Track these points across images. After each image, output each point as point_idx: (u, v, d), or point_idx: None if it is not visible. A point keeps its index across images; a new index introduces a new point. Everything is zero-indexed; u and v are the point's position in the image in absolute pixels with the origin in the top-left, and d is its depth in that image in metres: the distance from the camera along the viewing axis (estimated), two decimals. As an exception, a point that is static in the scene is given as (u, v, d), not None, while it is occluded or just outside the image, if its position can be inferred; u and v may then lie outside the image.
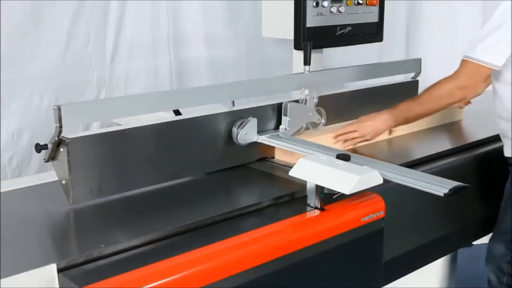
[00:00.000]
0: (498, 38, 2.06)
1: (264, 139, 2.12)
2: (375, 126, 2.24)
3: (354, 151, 2.24)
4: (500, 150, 2.27)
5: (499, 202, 2.28)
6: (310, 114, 2.29)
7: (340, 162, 1.74)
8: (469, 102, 2.66)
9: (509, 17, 2.03)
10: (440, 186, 1.69)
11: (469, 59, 2.10)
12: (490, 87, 2.32)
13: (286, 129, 2.19)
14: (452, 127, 2.70)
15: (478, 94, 2.46)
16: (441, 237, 2.27)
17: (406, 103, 2.25)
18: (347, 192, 1.64)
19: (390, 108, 2.27)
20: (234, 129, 2.09)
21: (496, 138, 2.37)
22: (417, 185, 1.75)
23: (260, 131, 2.14)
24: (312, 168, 1.72)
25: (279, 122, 2.23)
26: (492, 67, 2.09)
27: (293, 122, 2.23)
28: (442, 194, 1.66)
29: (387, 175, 1.79)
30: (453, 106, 2.52)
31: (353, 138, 2.26)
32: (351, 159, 1.80)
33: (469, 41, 2.17)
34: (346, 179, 1.64)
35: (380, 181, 1.71)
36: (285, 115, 2.22)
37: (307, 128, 2.30)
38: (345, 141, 2.27)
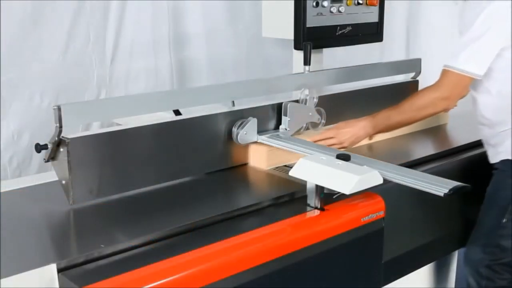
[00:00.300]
0: (479, 48, 2.05)
1: (264, 139, 2.13)
2: (353, 133, 2.19)
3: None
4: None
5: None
6: (310, 114, 2.29)
7: (340, 162, 1.74)
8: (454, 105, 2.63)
9: (490, 26, 2.03)
10: (440, 186, 1.69)
11: (451, 69, 2.09)
12: None
13: (286, 129, 2.19)
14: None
15: (463, 97, 2.45)
16: (441, 237, 2.28)
17: (386, 111, 2.21)
18: (347, 192, 1.64)
19: (370, 115, 2.23)
20: (234, 129, 2.09)
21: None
22: (417, 185, 1.75)
23: (260, 131, 2.14)
24: (312, 168, 1.72)
25: (279, 122, 2.23)
26: (473, 77, 2.07)
27: (293, 122, 2.23)
28: (442, 194, 1.66)
29: (387, 175, 1.79)
30: None
31: (331, 145, 2.18)
32: (351, 159, 1.80)
33: (451, 51, 2.14)
34: (346, 179, 1.65)
35: (380, 181, 1.71)
36: (285, 115, 2.22)
37: (307, 128, 2.30)
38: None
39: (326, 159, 1.75)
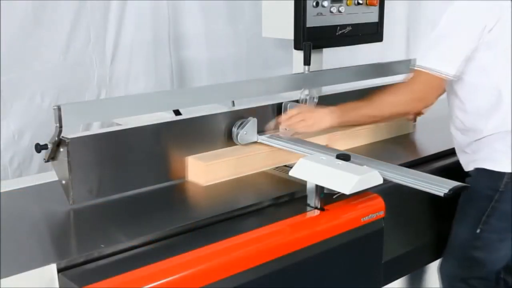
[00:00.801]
0: (449, 46, 1.94)
1: (264, 139, 2.13)
2: (320, 114, 2.08)
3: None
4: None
5: None
6: None
7: (340, 162, 1.74)
8: (421, 113, 2.51)
9: (458, 23, 1.94)
10: (440, 186, 1.69)
11: (422, 69, 1.96)
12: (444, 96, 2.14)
13: (286, 129, 2.19)
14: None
15: (432, 104, 2.33)
16: (441, 237, 2.27)
17: (355, 102, 2.09)
18: (347, 192, 1.64)
19: (336, 106, 2.13)
20: (234, 129, 2.09)
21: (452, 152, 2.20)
22: (417, 185, 1.75)
23: (260, 131, 2.14)
24: (312, 168, 1.72)
25: (279, 122, 2.23)
26: (446, 77, 1.94)
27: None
28: (442, 194, 1.66)
29: (387, 175, 1.79)
30: (404, 118, 2.43)
31: (297, 122, 2.09)
32: (351, 159, 1.80)
33: (420, 49, 2.04)
34: (346, 179, 1.65)
35: (380, 181, 1.71)
36: (285, 115, 2.22)
37: None
38: (290, 125, 2.12)
39: (326, 159, 1.76)
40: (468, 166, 2.09)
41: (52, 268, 1.40)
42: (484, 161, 2.00)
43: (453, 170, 2.07)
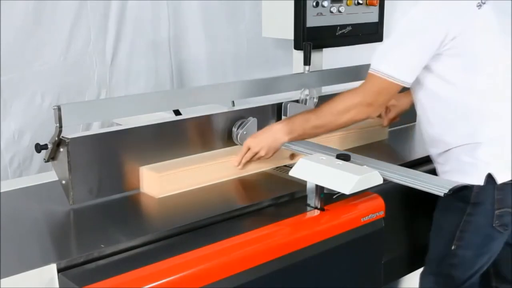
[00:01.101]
0: (405, 52, 1.83)
1: None
2: (269, 138, 1.95)
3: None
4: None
5: None
6: None
7: (340, 162, 1.74)
8: (395, 119, 2.41)
9: (416, 29, 1.82)
10: (440, 186, 1.69)
11: (377, 73, 1.83)
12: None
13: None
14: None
15: (405, 111, 2.19)
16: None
17: (304, 114, 1.97)
18: (347, 192, 1.64)
19: (287, 118, 2.03)
20: (234, 129, 2.09)
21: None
22: (417, 185, 1.75)
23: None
24: (312, 168, 1.72)
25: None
26: (401, 84, 1.82)
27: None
28: (442, 194, 1.66)
29: (387, 175, 1.79)
30: (377, 124, 2.37)
31: (251, 158, 1.98)
32: (351, 159, 1.80)
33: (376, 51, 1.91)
34: (346, 179, 1.65)
35: (380, 181, 1.71)
36: (285, 115, 2.22)
37: None
38: (246, 163, 2.00)
39: (326, 159, 1.75)
40: (441, 176, 1.97)
41: (52, 268, 1.40)
42: (452, 173, 1.90)
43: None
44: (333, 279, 1.77)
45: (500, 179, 1.82)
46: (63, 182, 1.76)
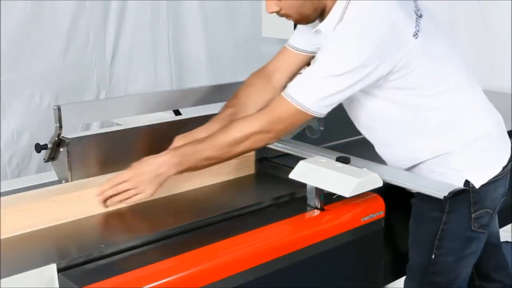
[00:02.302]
0: (336, 87, 1.64)
1: None
2: (153, 172, 1.64)
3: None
4: None
5: None
6: None
7: (340, 164, 1.74)
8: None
9: (354, 64, 1.61)
10: (440, 189, 1.70)
11: (288, 98, 1.65)
12: None
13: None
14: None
15: (276, 139, 1.80)
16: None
17: (195, 144, 1.70)
18: (347, 195, 1.64)
19: (173, 148, 1.74)
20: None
21: None
22: (417, 188, 1.74)
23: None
24: (312, 171, 1.72)
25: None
26: (313, 115, 1.66)
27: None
28: (442, 197, 1.66)
29: (387, 178, 1.79)
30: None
31: (126, 191, 1.65)
32: (351, 161, 1.80)
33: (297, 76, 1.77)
34: (346, 182, 1.65)
35: (380, 184, 1.71)
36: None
37: (305, 133, 2.26)
38: (114, 196, 1.67)
39: (326, 162, 1.75)
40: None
41: (52, 268, 1.40)
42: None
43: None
44: (333, 279, 1.77)
45: (477, 183, 1.76)
46: (63, 182, 1.76)
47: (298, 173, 1.74)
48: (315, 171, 1.71)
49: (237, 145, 1.68)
